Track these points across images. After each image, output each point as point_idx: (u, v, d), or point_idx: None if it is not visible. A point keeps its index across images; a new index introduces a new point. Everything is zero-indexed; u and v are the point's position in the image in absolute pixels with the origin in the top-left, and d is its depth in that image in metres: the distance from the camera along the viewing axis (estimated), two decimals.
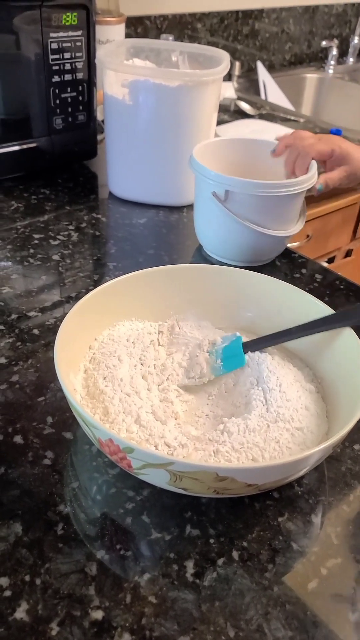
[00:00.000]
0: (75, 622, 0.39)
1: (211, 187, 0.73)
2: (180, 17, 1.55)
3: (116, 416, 0.49)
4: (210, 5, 1.61)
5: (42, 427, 0.53)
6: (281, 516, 0.47)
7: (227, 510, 0.47)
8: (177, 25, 1.55)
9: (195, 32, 1.60)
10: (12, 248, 0.79)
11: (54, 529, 0.44)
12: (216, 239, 0.79)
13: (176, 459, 0.40)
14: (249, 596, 0.41)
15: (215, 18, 1.64)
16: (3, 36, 0.88)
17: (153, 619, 0.40)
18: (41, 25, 0.90)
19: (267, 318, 0.61)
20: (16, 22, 0.90)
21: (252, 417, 0.49)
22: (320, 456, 0.43)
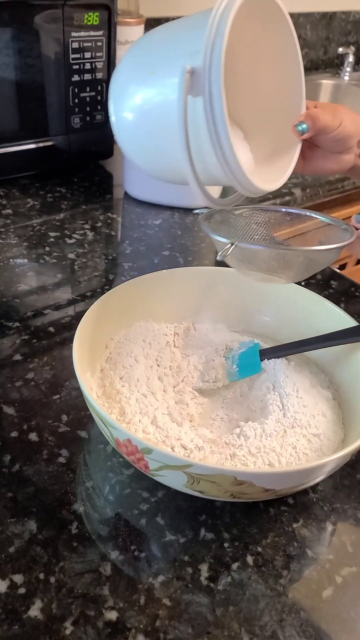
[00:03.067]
0: (89, 622, 0.39)
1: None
2: None
3: (133, 416, 0.48)
4: None
5: (57, 425, 0.53)
6: (296, 522, 0.47)
7: (242, 514, 0.47)
8: None
9: None
10: (28, 245, 0.79)
11: (69, 527, 0.44)
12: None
13: (195, 462, 0.40)
14: (264, 602, 0.41)
15: None
16: (24, 34, 0.88)
17: (167, 621, 0.39)
18: (63, 25, 0.90)
19: (285, 324, 0.61)
20: (37, 21, 0.90)
21: (268, 421, 0.49)
22: (338, 463, 0.43)
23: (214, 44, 0.39)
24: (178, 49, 0.43)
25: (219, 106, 0.40)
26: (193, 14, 0.45)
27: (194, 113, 0.41)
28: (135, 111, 0.45)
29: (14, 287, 0.71)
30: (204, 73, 0.40)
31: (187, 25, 0.44)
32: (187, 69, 0.39)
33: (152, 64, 0.44)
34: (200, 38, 0.40)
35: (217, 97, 0.40)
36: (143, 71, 0.44)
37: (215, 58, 0.39)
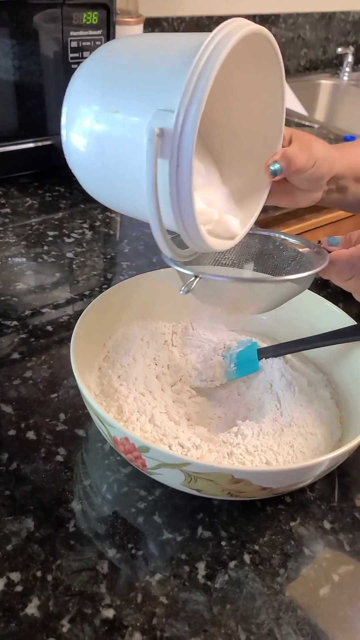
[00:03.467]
0: (86, 620, 0.39)
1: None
2: (198, 19, 1.55)
3: (130, 415, 0.48)
4: (227, 8, 1.61)
5: (55, 424, 0.53)
6: (293, 521, 0.47)
7: (239, 513, 0.47)
8: (194, 27, 1.55)
9: None
10: (26, 244, 0.79)
11: (66, 525, 0.44)
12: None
13: (192, 460, 0.40)
14: (261, 600, 0.41)
15: None
16: (23, 33, 0.88)
17: (164, 619, 0.39)
18: (62, 24, 0.90)
19: (283, 323, 0.61)
20: (37, 20, 0.90)
21: (266, 420, 0.49)
22: (335, 462, 0.43)
23: (188, 111, 0.36)
24: (148, 97, 0.39)
25: (186, 178, 0.37)
26: (174, 43, 0.41)
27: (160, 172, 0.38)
28: (92, 143, 0.42)
29: (12, 286, 0.71)
30: (173, 141, 0.36)
31: (164, 64, 0.40)
32: (156, 132, 0.36)
33: (116, 101, 0.40)
34: (174, 92, 0.36)
35: (185, 170, 0.37)
36: (105, 103, 0.41)
37: (188, 129, 0.36)
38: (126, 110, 0.40)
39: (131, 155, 0.39)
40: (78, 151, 0.43)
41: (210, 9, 1.57)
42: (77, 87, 0.43)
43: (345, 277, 0.47)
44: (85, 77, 0.42)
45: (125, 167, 0.40)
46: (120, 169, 0.41)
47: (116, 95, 0.40)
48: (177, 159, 0.37)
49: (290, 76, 1.87)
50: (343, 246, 0.48)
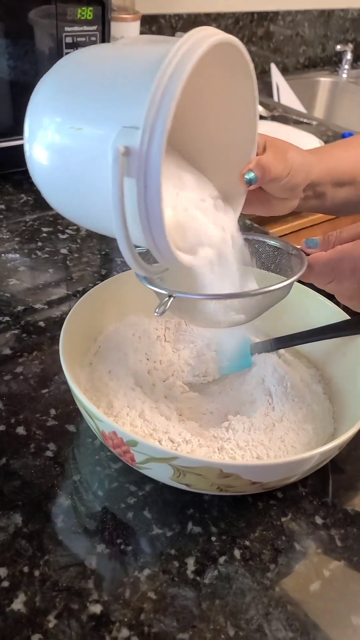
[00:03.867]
0: (73, 615, 0.38)
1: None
2: (195, 16, 1.55)
3: (120, 410, 0.48)
4: (226, 5, 1.61)
5: (45, 419, 0.52)
6: (284, 516, 0.46)
7: (230, 508, 0.46)
8: (191, 24, 1.54)
9: None
10: (20, 241, 0.79)
11: (54, 521, 0.44)
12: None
13: (180, 454, 0.39)
14: (250, 596, 0.41)
15: (230, 19, 1.63)
16: (19, 29, 0.88)
17: (152, 615, 0.39)
18: (56, 20, 0.90)
19: (276, 318, 0.61)
20: (31, 16, 0.90)
21: (257, 415, 0.49)
22: (326, 457, 0.43)
23: (154, 128, 0.34)
24: (113, 113, 0.37)
25: (155, 197, 0.35)
26: (140, 55, 0.39)
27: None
28: (55, 159, 0.40)
29: (5, 282, 0.70)
30: (139, 159, 0.35)
31: (128, 78, 0.38)
32: (121, 150, 0.34)
33: (80, 117, 0.38)
34: (139, 108, 0.35)
35: (154, 189, 0.35)
36: (68, 118, 0.39)
37: (155, 147, 0.34)
38: (90, 127, 0.38)
39: (96, 173, 0.37)
40: (42, 166, 0.41)
41: (208, 6, 1.57)
42: (40, 99, 0.41)
43: (324, 280, 0.46)
44: (49, 90, 0.41)
45: (90, 185, 0.38)
46: (86, 186, 0.39)
47: (80, 111, 0.38)
48: (145, 178, 0.35)
49: (289, 74, 1.86)
50: (322, 248, 0.47)
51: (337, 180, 0.56)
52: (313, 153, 0.56)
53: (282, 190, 0.51)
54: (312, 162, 0.53)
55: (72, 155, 0.39)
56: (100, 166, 0.36)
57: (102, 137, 0.36)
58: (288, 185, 0.50)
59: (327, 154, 0.57)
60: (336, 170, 0.56)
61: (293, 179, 0.50)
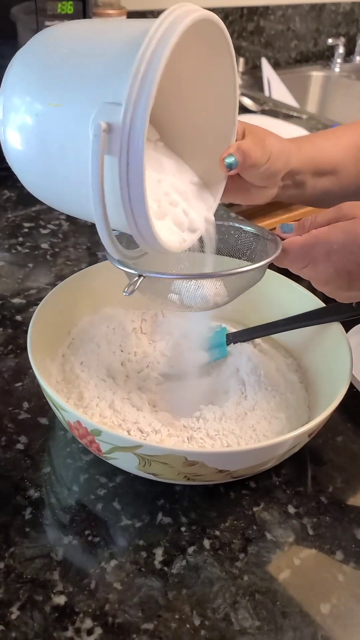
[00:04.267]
0: (36, 607, 0.38)
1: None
2: None
3: (90, 401, 0.48)
4: (215, 1, 1.60)
5: (18, 412, 0.52)
6: (257, 506, 0.46)
7: (201, 498, 0.46)
8: None
9: None
10: (1, 236, 0.79)
11: (22, 513, 0.44)
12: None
13: (144, 442, 0.39)
14: (218, 585, 0.40)
15: (219, 14, 1.62)
16: (5, 25, 0.88)
17: (117, 605, 0.39)
18: (36, 15, 0.89)
19: (253, 308, 0.60)
20: (14, 12, 0.89)
21: (229, 404, 0.48)
22: (293, 444, 0.42)
23: (137, 104, 0.34)
24: (94, 89, 0.36)
25: (138, 176, 0.34)
26: (121, 29, 0.38)
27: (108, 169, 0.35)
28: (32, 140, 0.39)
29: None
30: (122, 136, 0.34)
31: (109, 52, 0.37)
32: (103, 127, 0.33)
33: (58, 93, 0.37)
34: (121, 83, 0.34)
35: (137, 167, 0.34)
36: (45, 95, 0.38)
37: (138, 124, 0.34)
38: (69, 103, 0.37)
39: (76, 153, 0.37)
40: (17, 149, 0.40)
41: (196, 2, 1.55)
42: (14, 77, 0.39)
43: (299, 265, 0.46)
44: (23, 67, 0.39)
45: (69, 165, 0.38)
46: (65, 167, 0.38)
47: (58, 87, 0.37)
48: (127, 156, 0.34)
49: (281, 68, 1.85)
50: (297, 233, 0.46)
51: (317, 169, 0.56)
52: (294, 142, 0.55)
53: (261, 177, 0.50)
54: (291, 149, 0.52)
55: (50, 135, 0.38)
56: (79, 145, 0.36)
57: (81, 113, 0.36)
58: (267, 173, 0.50)
59: (309, 143, 0.56)
60: (317, 158, 0.55)
61: (272, 166, 0.50)
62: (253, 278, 0.47)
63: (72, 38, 0.40)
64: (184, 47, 0.41)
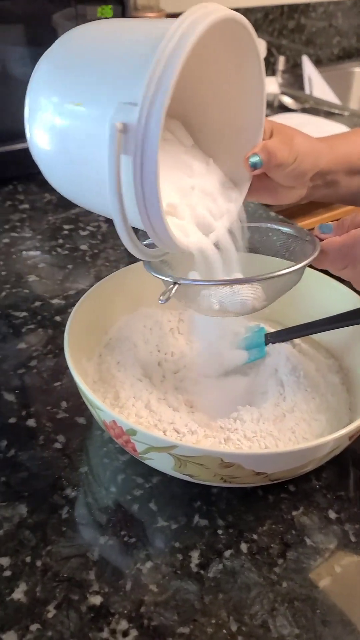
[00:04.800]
0: (72, 606, 0.38)
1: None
2: None
3: (126, 401, 0.47)
4: (255, 0, 1.59)
5: (56, 412, 0.52)
6: (296, 510, 0.45)
7: (239, 501, 0.45)
8: None
9: None
10: (42, 238, 0.80)
11: (59, 512, 0.44)
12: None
13: (179, 443, 0.38)
14: (255, 590, 0.39)
15: (259, 13, 1.61)
16: (43, 34, 0.90)
17: (153, 607, 0.38)
18: (76, 20, 0.90)
19: (292, 307, 0.59)
20: (55, 18, 0.91)
21: (267, 405, 0.47)
22: (334, 446, 0.41)
23: (152, 105, 0.33)
24: (111, 89, 0.36)
25: (152, 176, 0.34)
26: (140, 30, 0.38)
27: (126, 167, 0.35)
28: (55, 138, 0.40)
29: (24, 279, 0.71)
30: (137, 136, 0.34)
31: (127, 54, 0.37)
32: (118, 127, 0.34)
33: (78, 93, 0.37)
34: (137, 84, 0.34)
35: (151, 167, 0.34)
36: (67, 95, 0.38)
37: (153, 125, 0.33)
38: (89, 103, 0.37)
39: (94, 151, 0.37)
40: (41, 146, 0.41)
41: (236, 1, 1.55)
42: (39, 78, 0.40)
43: (339, 266, 0.44)
44: (47, 67, 0.40)
45: (89, 163, 0.38)
46: (84, 165, 0.39)
47: (79, 87, 0.38)
48: (142, 156, 0.34)
49: (323, 65, 1.82)
50: (336, 233, 0.45)
51: (351, 167, 0.54)
52: (325, 140, 0.54)
53: (289, 177, 0.49)
54: (321, 149, 0.51)
55: (71, 134, 0.39)
56: (97, 144, 0.36)
57: (100, 113, 0.36)
58: (294, 173, 0.49)
59: (342, 141, 0.55)
60: (350, 157, 0.54)
61: (300, 166, 0.49)
62: (291, 280, 0.46)
63: (94, 38, 0.40)
64: (210, 47, 0.40)
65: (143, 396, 0.48)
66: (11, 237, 0.80)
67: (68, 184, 0.43)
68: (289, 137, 0.48)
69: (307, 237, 0.48)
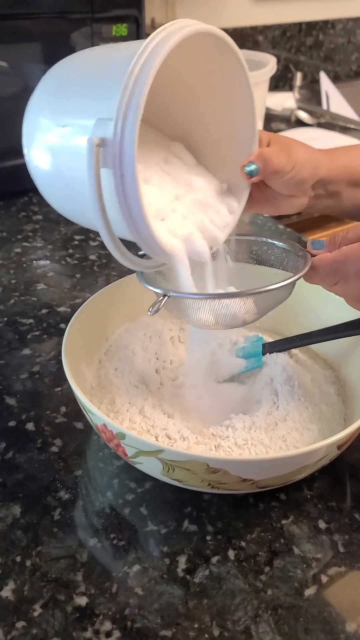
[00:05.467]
0: (58, 606, 0.39)
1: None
2: (242, 30, 1.56)
3: (121, 406, 0.48)
4: (272, 17, 1.61)
5: (55, 416, 0.53)
6: (286, 519, 0.45)
7: (229, 508, 0.45)
8: (237, 38, 1.55)
9: (257, 45, 1.61)
10: (53, 248, 0.82)
11: (51, 513, 0.45)
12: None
13: (165, 447, 0.39)
14: (240, 597, 0.39)
15: (277, 30, 1.63)
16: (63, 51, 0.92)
17: (137, 610, 0.39)
18: (92, 38, 0.93)
19: (293, 318, 0.59)
20: (73, 37, 0.94)
21: (259, 413, 0.48)
22: (321, 455, 0.41)
23: (126, 118, 0.35)
24: (92, 108, 0.38)
25: (132, 186, 0.36)
26: (117, 51, 0.40)
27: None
28: (47, 159, 0.42)
29: (33, 287, 0.73)
30: (114, 149, 0.36)
31: (104, 73, 0.39)
32: (96, 142, 0.36)
33: (64, 115, 0.40)
34: (113, 100, 0.35)
35: (130, 178, 0.36)
36: (55, 118, 0.41)
37: (128, 136, 0.35)
38: (73, 124, 0.39)
39: (80, 169, 0.38)
40: (38, 168, 0.43)
41: (253, 19, 1.57)
42: (32, 103, 0.43)
43: (330, 282, 0.45)
44: (39, 93, 0.43)
45: (77, 180, 0.39)
46: (74, 183, 0.40)
47: (64, 109, 0.40)
48: (121, 168, 0.36)
49: (341, 82, 1.83)
50: (327, 249, 0.45)
51: (352, 179, 0.54)
52: (328, 152, 0.54)
53: (287, 186, 0.50)
54: (320, 159, 0.52)
55: (60, 154, 0.41)
56: (81, 161, 0.37)
57: (82, 132, 0.38)
58: (293, 181, 0.49)
59: (343, 152, 0.55)
60: (351, 168, 0.54)
61: (298, 174, 0.49)
62: (282, 295, 0.47)
63: (79, 63, 0.43)
64: (197, 64, 0.42)
65: (138, 402, 0.49)
66: (23, 247, 0.82)
67: (65, 204, 0.45)
68: (287, 146, 0.49)
69: (300, 253, 0.48)
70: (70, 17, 0.91)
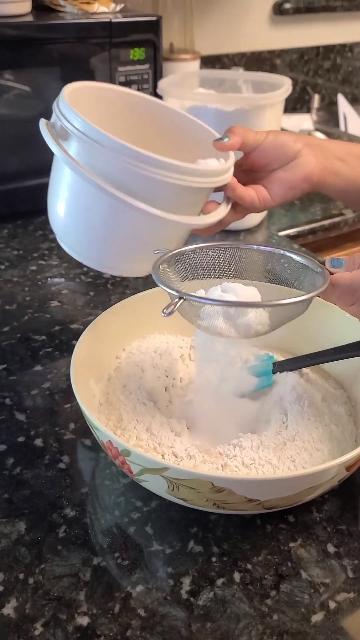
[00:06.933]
0: (59, 625, 0.38)
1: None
2: (259, 53, 1.58)
3: (128, 423, 0.48)
4: (289, 41, 1.63)
5: (63, 433, 0.53)
6: (293, 541, 0.44)
7: (236, 529, 0.45)
8: (255, 62, 1.57)
9: (274, 69, 1.62)
10: (68, 266, 0.83)
11: (56, 531, 0.44)
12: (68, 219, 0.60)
13: (169, 465, 0.39)
14: (245, 621, 0.38)
15: (294, 54, 1.65)
16: (81, 74, 0.95)
17: (138, 632, 0.38)
18: (110, 62, 0.95)
19: (305, 337, 0.59)
20: (92, 61, 0.96)
21: (267, 433, 0.47)
22: (329, 476, 0.40)
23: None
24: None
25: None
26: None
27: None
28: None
29: (47, 304, 0.73)
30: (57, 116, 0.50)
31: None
32: (45, 123, 0.50)
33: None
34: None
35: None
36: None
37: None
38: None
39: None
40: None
41: (271, 43, 1.59)
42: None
43: (347, 302, 0.44)
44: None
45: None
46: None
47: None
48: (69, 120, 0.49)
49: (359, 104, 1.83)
50: (346, 268, 0.45)
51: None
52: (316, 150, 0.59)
53: (269, 153, 0.56)
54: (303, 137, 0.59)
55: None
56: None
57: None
58: (275, 144, 0.55)
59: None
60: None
61: (277, 139, 0.55)
62: (298, 309, 0.46)
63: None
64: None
65: (145, 419, 0.48)
66: (38, 265, 0.83)
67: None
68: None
69: (318, 269, 0.48)
70: (89, 42, 0.93)
